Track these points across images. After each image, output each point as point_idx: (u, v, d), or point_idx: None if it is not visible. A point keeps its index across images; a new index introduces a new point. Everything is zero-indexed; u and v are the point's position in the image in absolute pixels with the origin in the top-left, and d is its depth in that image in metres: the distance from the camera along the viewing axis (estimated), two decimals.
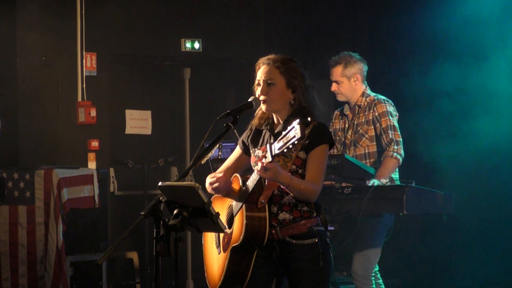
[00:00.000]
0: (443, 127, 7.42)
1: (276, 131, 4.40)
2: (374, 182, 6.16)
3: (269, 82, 4.41)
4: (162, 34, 9.17)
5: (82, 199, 7.11)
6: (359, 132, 6.43)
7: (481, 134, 7.16)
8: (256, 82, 4.46)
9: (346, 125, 6.53)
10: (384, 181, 6.22)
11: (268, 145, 4.10)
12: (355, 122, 6.46)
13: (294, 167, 4.32)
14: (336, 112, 6.65)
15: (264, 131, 4.50)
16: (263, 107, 4.43)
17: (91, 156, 8.74)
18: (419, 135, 7.24)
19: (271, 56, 4.49)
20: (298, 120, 3.94)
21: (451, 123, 7.40)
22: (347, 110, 6.54)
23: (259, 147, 4.40)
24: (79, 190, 7.09)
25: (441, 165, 7.25)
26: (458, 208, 6.45)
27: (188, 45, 9.28)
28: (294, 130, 3.93)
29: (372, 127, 6.40)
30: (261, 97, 4.41)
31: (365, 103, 6.44)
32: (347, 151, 6.41)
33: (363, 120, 6.43)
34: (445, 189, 6.45)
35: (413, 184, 6.23)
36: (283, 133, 4.00)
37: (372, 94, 6.47)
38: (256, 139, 4.52)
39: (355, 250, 6.35)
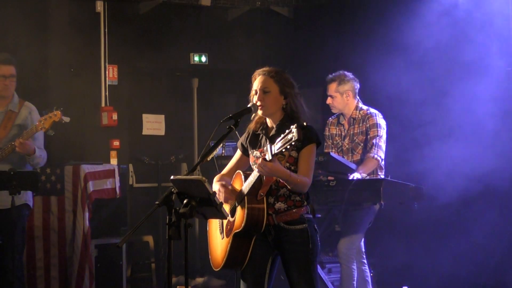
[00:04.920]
0: (415, 135, 7.46)
1: (270, 135, 4.43)
2: (355, 175, 6.18)
3: (265, 90, 4.43)
4: (173, 49, 9.17)
5: (105, 191, 7.10)
6: (355, 141, 6.46)
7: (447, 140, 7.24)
8: (253, 91, 4.48)
9: (343, 133, 6.55)
10: (363, 175, 6.23)
11: (268, 146, 4.13)
12: (351, 132, 6.50)
13: (287, 164, 4.34)
14: (332, 120, 6.66)
15: (260, 135, 4.51)
16: (260, 111, 4.44)
17: (113, 153, 8.74)
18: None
19: (266, 68, 4.53)
20: (295, 124, 3.99)
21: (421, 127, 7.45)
22: (342, 120, 6.56)
23: (257, 149, 4.40)
24: (103, 182, 7.09)
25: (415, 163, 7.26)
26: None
27: (196, 58, 9.28)
28: (292, 133, 3.98)
29: (366, 137, 6.43)
30: (258, 103, 4.42)
31: (359, 116, 6.48)
32: (345, 156, 6.44)
33: (358, 131, 6.46)
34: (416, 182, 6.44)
35: (389, 178, 6.23)
36: (282, 135, 4.05)
37: (365, 107, 6.50)
38: (254, 142, 4.53)
39: (342, 233, 6.39)
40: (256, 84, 4.47)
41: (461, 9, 7.39)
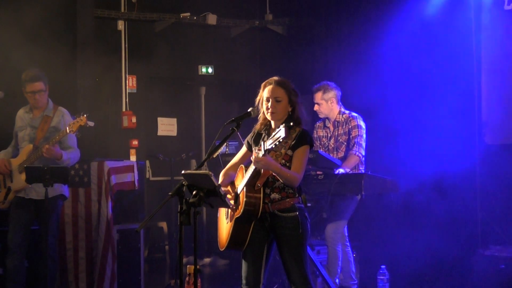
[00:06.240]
0: (391, 135, 7.48)
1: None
2: (339, 170, 6.19)
3: (277, 99, 4.41)
4: (184, 61, 9.20)
5: (126, 183, 7.10)
6: (339, 141, 6.49)
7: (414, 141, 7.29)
8: (265, 98, 4.44)
9: (329, 135, 6.57)
10: (347, 170, 6.25)
11: (262, 143, 4.15)
12: (336, 134, 6.52)
13: (283, 161, 4.35)
14: (319, 124, 6.68)
15: (263, 135, 4.51)
16: (269, 116, 4.43)
17: (132, 151, 8.77)
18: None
19: (276, 78, 4.48)
20: (284, 124, 4.02)
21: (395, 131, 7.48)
22: (328, 124, 6.58)
23: (258, 146, 4.42)
24: (123, 176, 7.09)
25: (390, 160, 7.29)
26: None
27: (204, 69, 9.30)
28: (280, 132, 4.01)
29: (348, 136, 6.46)
30: (270, 110, 4.41)
31: (342, 119, 6.50)
32: (331, 154, 6.47)
33: (342, 132, 6.48)
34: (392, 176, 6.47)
35: (369, 172, 6.25)
36: (272, 134, 4.07)
37: (347, 111, 6.53)
38: (257, 140, 4.53)
39: (329, 220, 6.40)
40: (268, 93, 4.43)
41: (430, 29, 7.46)
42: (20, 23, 7.40)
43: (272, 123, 4.49)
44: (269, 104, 4.41)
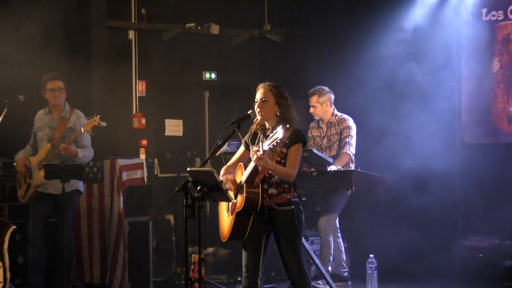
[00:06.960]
0: (379, 135, 7.49)
1: (267, 134, 4.44)
2: (332, 167, 6.20)
3: (263, 100, 4.45)
4: (189, 67, 9.20)
5: (136, 179, 7.10)
6: (332, 140, 6.51)
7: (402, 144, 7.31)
8: (256, 100, 4.49)
9: (322, 135, 6.60)
10: (339, 167, 6.26)
11: (261, 143, 4.17)
12: (329, 134, 6.54)
13: (279, 158, 4.36)
14: (313, 124, 6.71)
15: (259, 134, 4.54)
16: (258, 117, 4.47)
17: (142, 150, 8.77)
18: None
19: (267, 83, 4.53)
20: (281, 126, 4.03)
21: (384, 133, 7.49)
22: (322, 124, 6.61)
23: (255, 145, 4.44)
24: (134, 173, 7.08)
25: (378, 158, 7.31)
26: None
27: (207, 75, 9.31)
28: (277, 133, 4.02)
29: (340, 136, 6.48)
30: (257, 110, 4.44)
31: (335, 121, 6.52)
32: (324, 152, 6.48)
33: (334, 132, 6.51)
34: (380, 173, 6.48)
35: (359, 169, 6.26)
36: (270, 134, 4.09)
37: (339, 113, 6.56)
38: (253, 140, 4.56)
39: (322, 213, 6.41)
40: (258, 95, 4.49)
41: (415, 38, 7.49)
42: (38, 32, 7.41)
43: (266, 123, 4.51)
44: (257, 104, 4.45)
